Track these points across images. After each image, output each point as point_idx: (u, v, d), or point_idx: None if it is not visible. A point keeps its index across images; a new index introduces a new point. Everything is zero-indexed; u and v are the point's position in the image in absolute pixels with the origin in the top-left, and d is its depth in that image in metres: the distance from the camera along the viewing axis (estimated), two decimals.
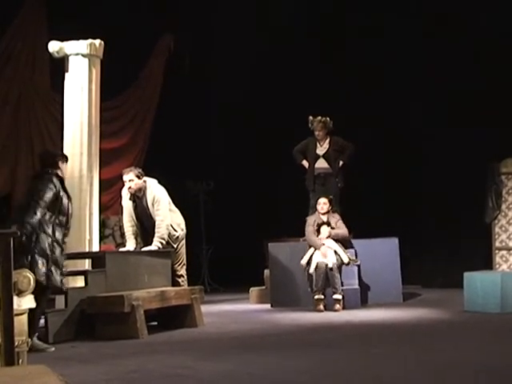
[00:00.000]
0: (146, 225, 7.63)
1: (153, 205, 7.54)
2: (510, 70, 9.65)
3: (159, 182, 7.76)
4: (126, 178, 7.59)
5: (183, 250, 7.83)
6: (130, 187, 7.56)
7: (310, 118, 9.24)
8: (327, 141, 9.29)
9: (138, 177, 7.55)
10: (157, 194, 7.57)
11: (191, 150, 12.44)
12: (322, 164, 9.28)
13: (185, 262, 7.83)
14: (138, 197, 7.64)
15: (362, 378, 4.49)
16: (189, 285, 7.81)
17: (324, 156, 9.27)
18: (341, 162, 9.27)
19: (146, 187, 7.59)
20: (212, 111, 12.76)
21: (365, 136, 10.95)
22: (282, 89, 11.66)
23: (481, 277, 7.65)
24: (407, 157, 10.75)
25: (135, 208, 7.67)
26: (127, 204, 7.74)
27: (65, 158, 6.46)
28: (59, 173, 6.19)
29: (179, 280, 7.71)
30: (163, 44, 13.18)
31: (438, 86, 10.47)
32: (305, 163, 9.40)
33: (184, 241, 7.84)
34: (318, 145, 9.30)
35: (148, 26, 12.18)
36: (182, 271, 7.78)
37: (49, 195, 5.92)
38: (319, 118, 9.22)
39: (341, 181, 9.26)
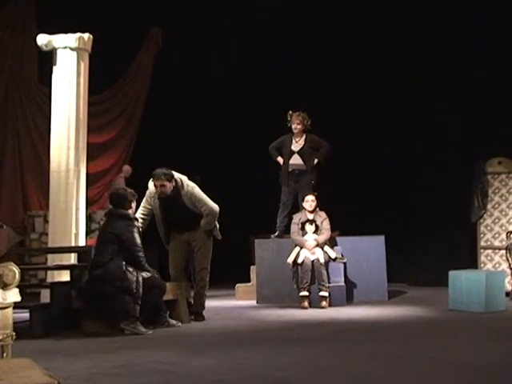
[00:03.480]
0: (175, 219, 7.42)
1: (193, 203, 7.33)
2: (497, 70, 9.69)
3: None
4: (157, 183, 7.25)
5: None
6: (161, 192, 7.25)
7: (290, 112, 9.26)
8: (303, 137, 9.29)
9: (169, 180, 7.25)
10: (194, 193, 7.35)
11: (179, 144, 12.42)
12: (296, 160, 9.27)
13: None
14: (167, 195, 7.32)
15: (345, 375, 4.51)
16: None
17: (299, 152, 9.25)
18: (316, 160, 9.26)
19: (178, 187, 7.31)
20: (200, 106, 12.74)
21: (352, 134, 11.00)
22: (271, 83, 11.67)
23: (466, 276, 7.69)
24: (394, 155, 10.78)
25: (164, 206, 7.38)
26: (150, 199, 7.44)
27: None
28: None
29: (202, 273, 7.55)
30: (152, 38, 13.17)
31: (427, 84, 10.51)
32: (280, 160, 9.40)
33: None
34: (294, 141, 9.29)
35: (136, 20, 12.15)
36: (208, 264, 7.62)
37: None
38: (297, 112, 9.23)
39: (314, 178, 9.26)
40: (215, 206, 7.46)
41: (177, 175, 7.39)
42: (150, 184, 7.44)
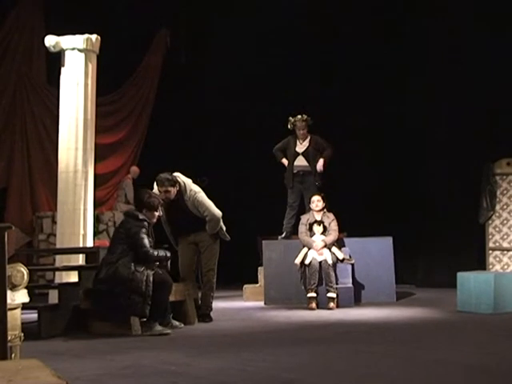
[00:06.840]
0: (180, 222, 7.40)
1: (196, 207, 7.29)
2: (506, 70, 9.67)
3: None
4: (161, 189, 7.23)
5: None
6: (165, 197, 7.20)
7: (291, 118, 9.27)
8: (307, 139, 9.32)
9: (173, 185, 7.22)
10: (196, 198, 7.29)
11: (186, 145, 12.44)
12: (301, 162, 9.30)
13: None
14: (171, 200, 7.30)
15: (352, 376, 4.50)
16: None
17: (303, 154, 9.29)
18: (321, 161, 9.27)
19: (181, 191, 7.28)
20: (207, 107, 12.75)
21: (360, 135, 10.99)
22: (277, 85, 11.67)
23: (474, 277, 7.66)
24: (402, 156, 10.77)
25: (168, 209, 7.33)
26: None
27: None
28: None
29: (209, 274, 7.52)
30: (160, 39, 13.19)
31: (435, 86, 10.48)
32: (285, 161, 9.44)
33: None
34: (298, 143, 9.33)
35: (145, 21, 12.18)
36: (215, 266, 7.60)
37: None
38: (299, 116, 9.24)
39: (318, 179, 9.27)
40: (217, 212, 7.41)
41: (181, 178, 7.36)
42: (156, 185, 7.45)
